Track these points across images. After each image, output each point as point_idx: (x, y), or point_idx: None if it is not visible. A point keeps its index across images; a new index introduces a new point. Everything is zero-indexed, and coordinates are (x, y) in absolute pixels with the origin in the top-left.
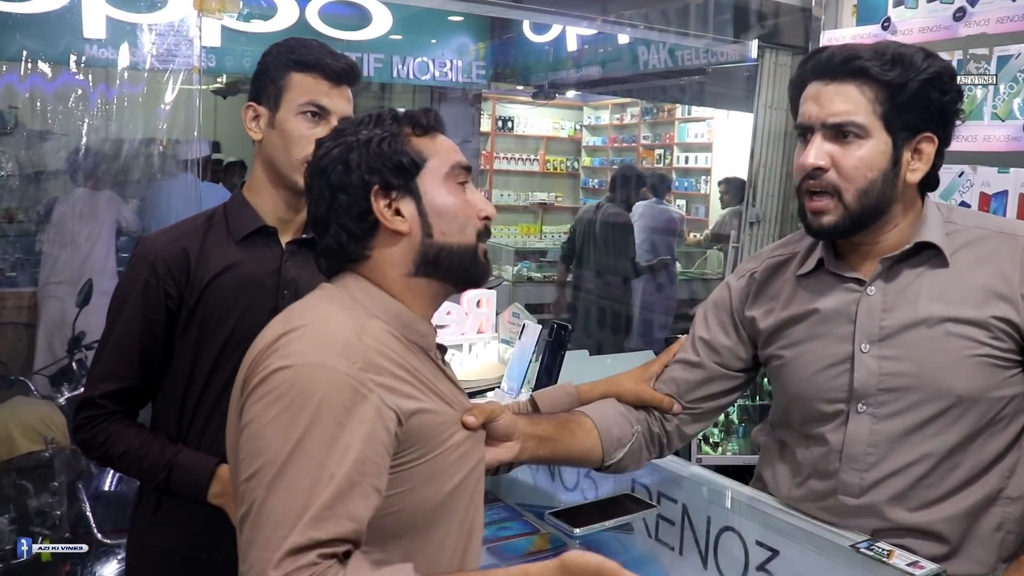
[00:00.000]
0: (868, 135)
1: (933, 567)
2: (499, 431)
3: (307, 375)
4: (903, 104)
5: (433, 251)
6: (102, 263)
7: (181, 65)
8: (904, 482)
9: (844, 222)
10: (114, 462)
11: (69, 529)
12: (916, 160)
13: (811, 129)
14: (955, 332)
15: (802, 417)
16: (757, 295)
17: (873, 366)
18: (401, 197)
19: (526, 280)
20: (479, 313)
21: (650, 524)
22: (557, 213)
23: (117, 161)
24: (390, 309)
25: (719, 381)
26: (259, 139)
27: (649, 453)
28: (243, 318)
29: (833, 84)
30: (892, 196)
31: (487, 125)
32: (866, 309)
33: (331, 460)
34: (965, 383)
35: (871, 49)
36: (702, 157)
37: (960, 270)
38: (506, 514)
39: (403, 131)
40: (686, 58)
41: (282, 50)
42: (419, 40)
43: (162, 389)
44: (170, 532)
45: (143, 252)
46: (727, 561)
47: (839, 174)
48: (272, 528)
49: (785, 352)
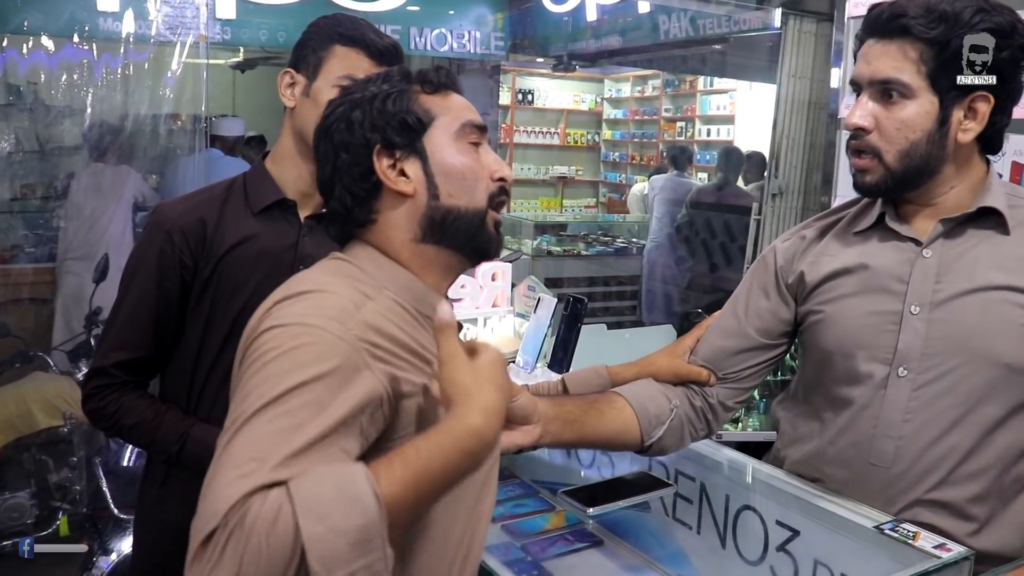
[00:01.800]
0: (913, 94)
1: (961, 550)
2: (515, 413)
3: (294, 332)
4: (949, 62)
5: (440, 214)
6: (119, 238)
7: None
8: (938, 453)
9: (886, 181)
10: (124, 433)
11: (87, 503)
12: (969, 120)
13: (860, 87)
14: (1010, 300)
15: (837, 376)
16: (807, 251)
17: (921, 329)
18: (406, 157)
19: (546, 254)
20: (494, 287)
21: (667, 502)
22: (577, 187)
23: (124, 134)
24: (400, 280)
25: (759, 350)
26: (292, 106)
27: (694, 430)
28: (257, 292)
29: (881, 43)
30: (941, 156)
31: (506, 98)
32: (921, 271)
33: (306, 415)
34: (1015, 352)
35: (923, 4)
36: (724, 130)
37: (1020, 241)
38: (522, 491)
39: (412, 88)
40: (708, 27)
41: (329, 22)
42: (437, 11)
43: (172, 361)
44: (177, 506)
45: (159, 220)
46: (746, 540)
47: (880, 135)
48: (228, 468)
49: (827, 307)
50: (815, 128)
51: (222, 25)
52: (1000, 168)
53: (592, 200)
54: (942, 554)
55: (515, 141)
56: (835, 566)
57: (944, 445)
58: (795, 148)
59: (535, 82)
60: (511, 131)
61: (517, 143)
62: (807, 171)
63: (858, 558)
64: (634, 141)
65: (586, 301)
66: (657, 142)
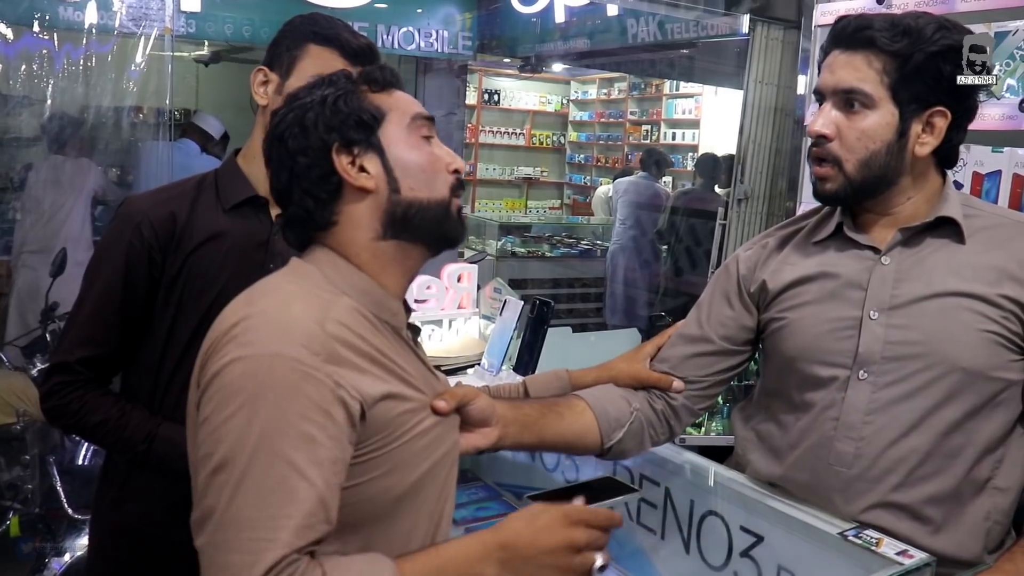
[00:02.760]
0: (874, 105)
1: (923, 556)
2: (474, 416)
3: (267, 366)
4: (910, 76)
5: (402, 208)
6: (77, 232)
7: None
8: (897, 455)
9: (846, 190)
10: (87, 431)
11: (40, 503)
12: (927, 134)
13: (824, 96)
14: (966, 306)
15: (799, 381)
16: (768, 260)
17: (880, 333)
18: (364, 153)
19: (510, 255)
20: (460, 288)
21: (632, 507)
22: (542, 188)
23: (85, 126)
24: (359, 285)
25: (722, 356)
26: (264, 104)
27: (655, 433)
28: (226, 289)
29: (845, 53)
30: (898, 168)
31: (473, 98)
32: (879, 278)
33: (300, 458)
34: (971, 356)
35: (888, 18)
36: (689, 134)
37: (976, 249)
38: (485, 494)
39: (359, 88)
40: (676, 31)
41: (304, 21)
42: (405, 9)
43: (136, 358)
44: (136, 509)
45: (128, 212)
46: (710, 546)
47: (841, 143)
48: (245, 530)
49: (789, 314)
50: (781, 134)
51: (187, 18)
52: (961, 178)
53: (557, 201)
54: (904, 560)
55: (481, 141)
56: (799, 572)
57: (903, 447)
58: (761, 154)
59: (502, 82)
60: (477, 131)
61: (483, 143)
62: (772, 177)
63: (822, 564)
64: (599, 143)
65: (552, 304)
66: (622, 144)
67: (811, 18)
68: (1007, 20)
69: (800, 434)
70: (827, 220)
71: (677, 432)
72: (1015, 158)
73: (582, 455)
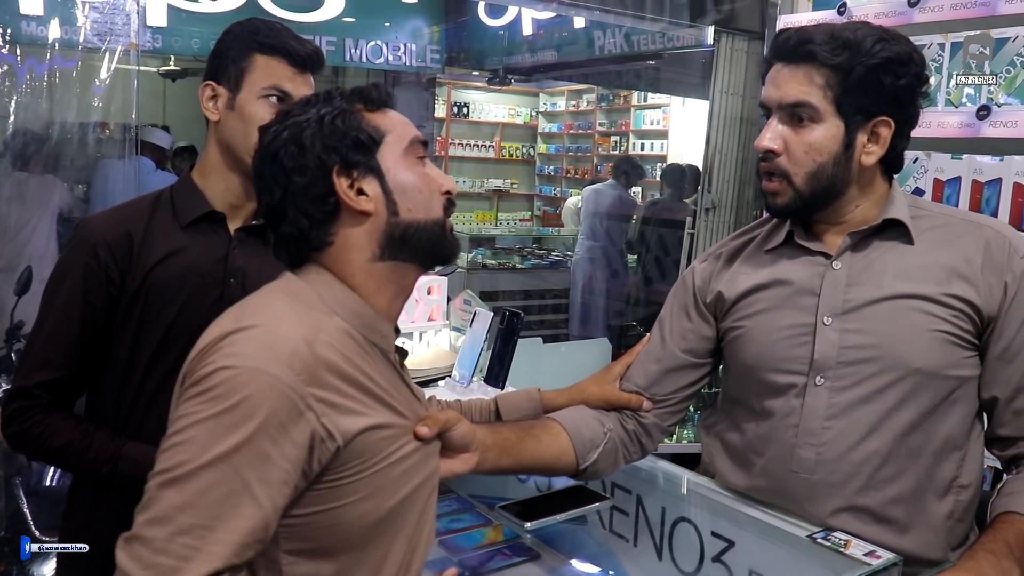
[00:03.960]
0: (820, 118)
1: (890, 556)
2: (455, 441)
3: (247, 380)
4: (853, 88)
5: (400, 230)
6: (42, 250)
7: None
8: (858, 459)
9: (796, 203)
10: (50, 456)
11: (5, 526)
12: (872, 143)
13: (770, 110)
14: (917, 308)
15: (758, 389)
16: (722, 271)
17: (834, 338)
18: (363, 175)
19: (481, 267)
20: (430, 300)
21: (604, 515)
22: (512, 200)
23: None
24: (351, 306)
25: (687, 370)
26: (216, 120)
27: (628, 453)
28: (186, 307)
29: (789, 67)
30: (846, 178)
31: (442, 111)
32: (831, 283)
33: (253, 476)
34: (923, 357)
35: (827, 32)
36: (658, 144)
37: (924, 249)
38: (458, 505)
39: (355, 107)
40: (642, 43)
41: (246, 30)
42: (372, 23)
43: (98, 379)
44: (105, 530)
45: (83, 234)
46: (682, 552)
47: (789, 158)
48: (180, 535)
49: (746, 322)
50: (747, 144)
51: (153, 33)
52: (923, 185)
53: (527, 213)
54: (872, 561)
55: (450, 154)
56: (769, 575)
57: (863, 451)
58: (727, 163)
59: (470, 95)
60: (446, 144)
61: (452, 156)
62: (739, 186)
63: (791, 567)
64: (569, 155)
65: (522, 315)
66: (592, 156)
67: (775, 29)
68: (963, 31)
69: (762, 442)
70: (778, 229)
71: (649, 449)
72: (973, 164)
73: (558, 476)
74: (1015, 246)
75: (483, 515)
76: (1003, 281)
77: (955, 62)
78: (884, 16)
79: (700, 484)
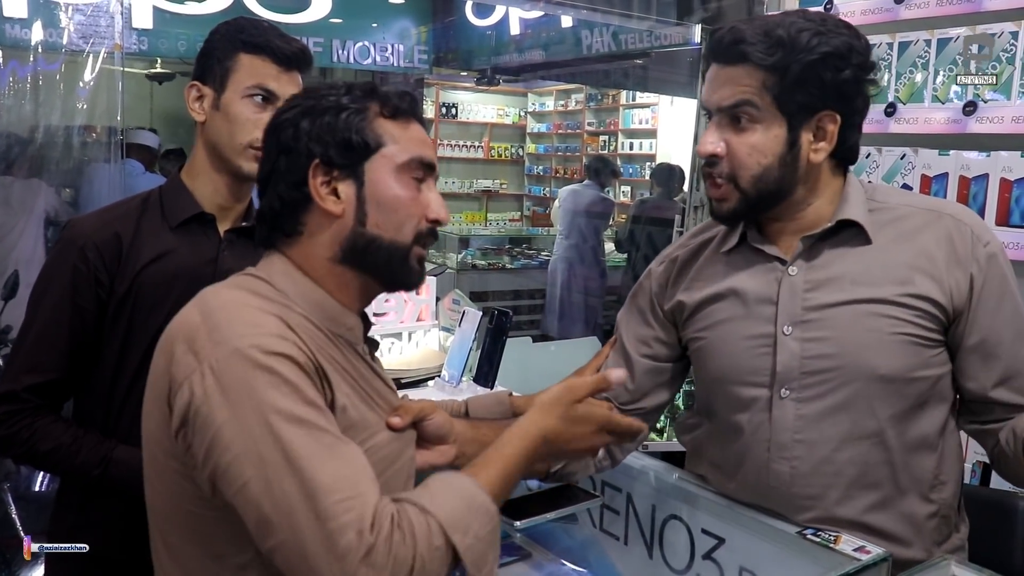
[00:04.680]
0: (761, 119)
1: (879, 552)
2: (430, 432)
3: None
4: (791, 87)
5: (363, 241)
6: (29, 254)
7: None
8: (833, 470)
9: (742, 207)
10: (39, 460)
11: None
12: (820, 139)
13: (711, 113)
14: (878, 312)
15: (725, 402)
16: (679, 277)
17: (795, 348)
18: (342, 177)
19: (470, 268)
20: (419, 300)
21: (594, 514)
22: (502, 200)
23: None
24: (313, 299)
25: (651, 375)
26: (202, 120)
27: (598, 460)
28: (176, 308)
29: (726, 68)
30: (793, 178)
31: (430, 112)
32: (788, 289)
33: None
34: (888, 363)
35: (761, 29)
36: (647, 143)
37: (883, 247)
38: None
39: (371, 108)
40: (629, 42)
41: (231, 29)
42: (360, 23)
43: (87, 382)
44: (92, 536)
45: (72, 236)
46: (673, 550)
47: (732, 162)
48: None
49: (706, 333)
50: None
51: (138, 35)
52: (910, 181)
53: (517, 213)
54: (861, 556)
55: (439, 155)
56: (760, 572)
57: (837, 462)
58: None
59: (459, 96)
60: (435, 145)
61: (441, 157)
62: None
63: (782, 563)
64: (558, 154)
65: (511, 314)
66: (580, 155)
67: None
68: (949, 27)
69: (737, 457)
70: (734, 230)
71: (619, 459)
72: (960, 160)
73: (528, 479)
74: (977, 234)
75: None
76: (968, 273)
77: (942, 58)
78: (870, 13)
79: (690, 482)
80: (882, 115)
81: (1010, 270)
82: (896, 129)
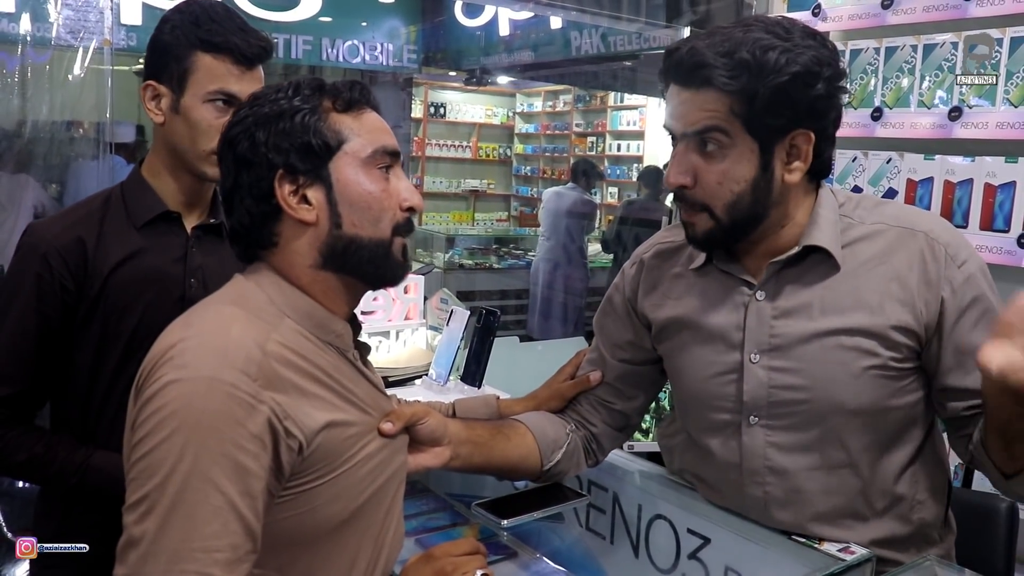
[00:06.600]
0: (731, 143)
1: (864, 552)
2: (424, 435)
3: (203, 391)
4: (761, 111)
5: (342, 244)
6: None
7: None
8: (807, 496)
9: (717, 234)
10: (14, 471)
11: None
12: (794, 158)
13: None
14: (848, 344)
15: (697, 422)
16: (648, 285)
17: (763, 377)
18: (309, 183)
19: (457, 267)
20: (407, 299)
21: (580, 513)
22: (489, 200)
23: (22, 140)
24: (301, 307)
25: (628, 377)
26: (160, 122)
27: (586, 457)
28: (148, 310)
29: (688, 91)
30: (767, 202)
31: (419, 111)
32: (756, 316)
33: (232, 489)
34: (855, 397)
35: (723, 50)
36: (634, 145)
37: (853, 272)
38: (435, 504)
39: (322, 105)
40: (618, 43)
41: (186, 21)
42: (349, 22)
43: (63, 389)
44: (79, 540)
45: (33, 242)
46: (659, 549)
47: (703, 191)
48: (175, 561)
49: (674, 355)
50: None
51: (127, 31)
52: (896, 185)
53: (504, 214)
54: (846, 556)
55: (427, 154)
56: (745, 572)
57: (810, 490)
58: None
59: (447, 95)
60: (423, 144)
61: (429, 156)
62: None
63: (767, 564)
64: (545, 155)
65: (499, 314)
66: (568, 156)
67: None
68: (935, 33)
69: (713, 479)
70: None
71: (601, 458)
72: (945, 165)
73: (520, 479)
74: (951, 254)
75: (459, 513)
76: (939, 296)
77: (928, 64)
78: (858, 18)
79: (676, 482)
80: (868, 119)
81: (991, 287)
82: (882, 133)
